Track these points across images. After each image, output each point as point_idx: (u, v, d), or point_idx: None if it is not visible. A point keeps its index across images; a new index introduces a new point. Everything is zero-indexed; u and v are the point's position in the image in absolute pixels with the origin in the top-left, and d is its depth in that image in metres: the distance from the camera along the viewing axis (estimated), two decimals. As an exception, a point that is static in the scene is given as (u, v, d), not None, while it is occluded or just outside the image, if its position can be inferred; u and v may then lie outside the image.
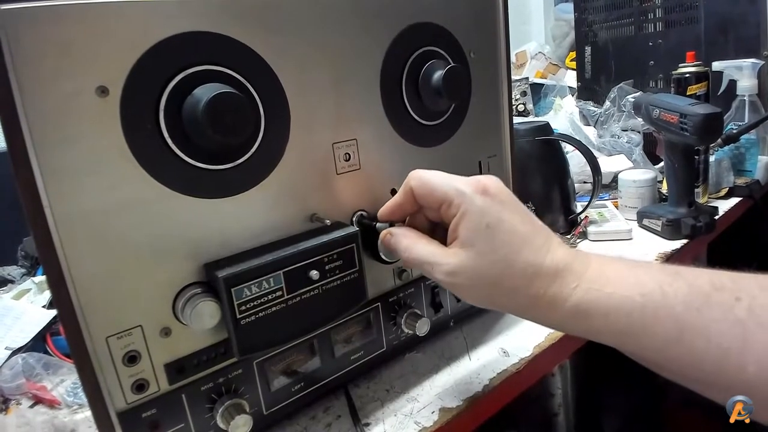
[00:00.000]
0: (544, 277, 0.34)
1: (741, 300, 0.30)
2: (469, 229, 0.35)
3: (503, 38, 0.54)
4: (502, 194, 0.37)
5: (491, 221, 0.35)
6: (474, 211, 0.35)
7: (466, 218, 0.35)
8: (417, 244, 0.38)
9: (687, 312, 0.31)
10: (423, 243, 0.38)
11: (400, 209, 0.40)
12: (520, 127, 0.81)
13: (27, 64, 0.30)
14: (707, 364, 0.30)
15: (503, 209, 0.36)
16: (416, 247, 0.38)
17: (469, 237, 0.35)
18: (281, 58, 0.39)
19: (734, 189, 0.96)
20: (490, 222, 0.35)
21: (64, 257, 0.32)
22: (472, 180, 0.37)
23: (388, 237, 0.40)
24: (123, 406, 0.36)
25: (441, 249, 0.37)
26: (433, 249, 0.37)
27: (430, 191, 0.37)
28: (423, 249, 0.38)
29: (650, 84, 1.27)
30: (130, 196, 0.34)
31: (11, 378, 0.56)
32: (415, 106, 0.48)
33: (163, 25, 0.34)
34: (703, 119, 0.70)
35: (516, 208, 0.36)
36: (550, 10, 2.13)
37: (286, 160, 0.41)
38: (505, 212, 0.36)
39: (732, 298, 0.30)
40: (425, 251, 0.38)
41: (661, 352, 0.32)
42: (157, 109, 0.34)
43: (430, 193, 0.37)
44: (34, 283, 0.78)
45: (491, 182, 0.37)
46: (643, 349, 0.33)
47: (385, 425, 0.44)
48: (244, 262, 0.37)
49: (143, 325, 0.36)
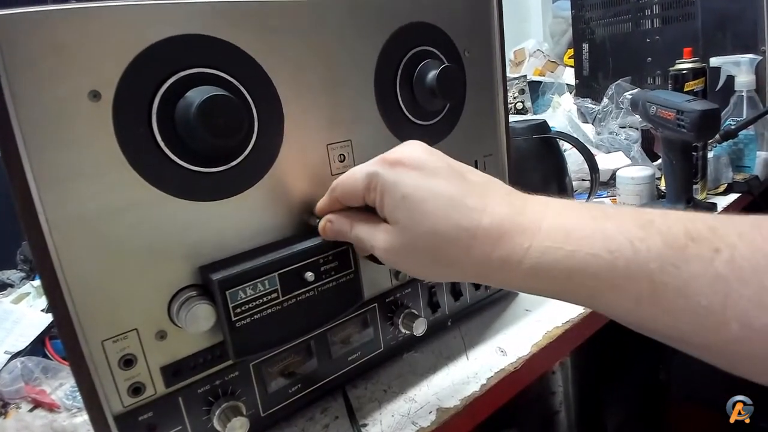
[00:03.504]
0: (483, 240, 0.31)
1: (720, 251, 0.27)
2: (389, 207, 0.34)
3: (498, 37, 0.54)
4: (419, 159, 0.34)
5: (406, 191, 0.33)
6: (388, 187, 0.34)
7: (384, 197, 0.34)
8: (358, 224, 0.37)
9: (662, 269, 0.27)
10: (362, 221, 0.37)
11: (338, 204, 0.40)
12: (518, 125, 0.81)
13: (19, 69, 0.30)
14: (685, 323, 0.27)
15: (420, 176, 0.34)
16: (357, 226, 0.37)
17: (392, 213, 0.34)
18: (274, 59, 0.39)
19: (733, 185, 0.96)
20: (405, 193, 0.33)
21: (58, 262, 0.32)
22: (383, 156, 0.36)
23: (329, 225, 0.39)
24: (120, 410, 0.36)
25: (376, 226, 0.36)
26: (369, 228, 0.36)
27: (351, 189, 0.37)
28: (362, 228, 0.37)
29: (648, 80, 1.27)
30: (123, 200, 0.34)
31: (10, 382, 0.56)
32: (410, 106, 0.48)
33: (154, 29, 0.34)
34: (700, 115, 0.70)
35: (439, 171, 0.34)
36: (548, 7, 2.12)
37: (280, 161, 0.41)
38: (422, 179, 0.33)
39: (711, 250, 0.27)
40: (364, 230, 0.37)
41: (633, 313, 0.29)
42: (150, 113, 0.34)
43: (352, 192, 0.37)
44: (33, 287, 0.78)
45: (406, 151, 0.35)
46: (612, 308, 0.30)
47: (382, 426, 0.44)
48: (238, 265, 0.37)
49: (139, 329, 0.36)
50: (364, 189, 0.36)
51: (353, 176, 0.37)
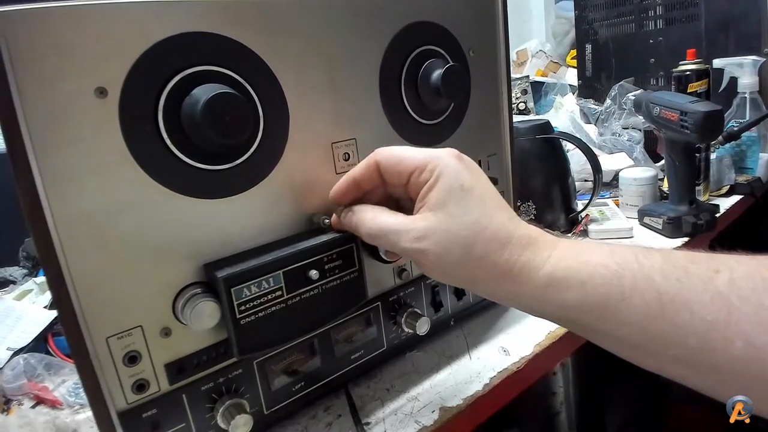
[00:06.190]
0: (516, 243, 0.33)
1: (720, 272, 0.28)
2: (443, 190, 0.35)
3: (502, 36, 0.54)
4: (476, 167, 0.37)
5: (466, 183, 0.35)
6: (449, 174, 0.35)
7: (441, 180, 0.35)
8: (381, 214, 0.37)
9: (666, 282, 0.29)
10: (387, 213, 0.37)
11: (355, 187, 0.39)
12: (521, 125, 0.81)
13: (26, 66, 0.30)
14: (692, 339, 0.28)
15: (478, 176, 0.36)
16: (380, 217, 0.37)
17: (442, 198, 0.35)
18: (280, 58, 0.39)
19: (735, 186, 0.96)
20: (464, 184, 0.35)
21: (63, 258, 0.32)
22: (447, 149, 0.37)
23: (350, 215, 0.39)
24: (124, 406, 0.36)
25: (407, 217, 0.36)
26: (398, 218, 0.36)
27: (400, 160, 0.37)
28: (388, 218, 0.37)
29: (651, 81, 1.27)
30: (129, 197, 0.34)
31: (13, 378, 0.56)
32: (414, 106, 0.48)
33: (161, 26, 0.34)
34: (703, 117, 0.70)
35: (488, 181, 0.37)
36: (551, 7, 2.12)
37: (285, 159, 0.41)
38: (479, 179, 0.36)
39: (710, 270, 0.29)
40: (390, 220, 0.36)
41: (642, 328, 0.30)
42: (156, 110, 0.34)
43: (400, 162, 0.37)
44: (36, 283, 0.78)
45: (466, 156, 0.37)
46: (621, 324, 0.30)
47: (385, 424, 0.44)
48: (243, 262, 0.37)
49: (143, 326, 0.36)
50: (419, 167, 0.36)
51: (411, 150, 0.37)
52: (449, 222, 0.34)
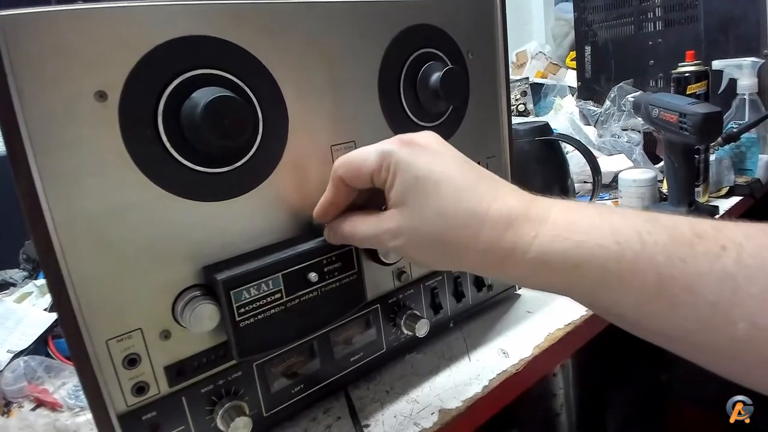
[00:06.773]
0: (492, 226, 0.31)
1: (727, 249, 0.27)
2: (399, 187, 0.33)
3: (501, 39, 0.55)
4: (434, 145, 0.34)
5: (420, 173, 0.33)
6: (402, 168, 0.33)
7: (397, 177, 0.33)
8: (357, 223, 0.36)
9: (669, 261, 0.27)
10: (362, 219, 0.36)
11: (334, 207, 0.38)
12: (520, 127, 0.81)
13: (26, 69, 0.30)
14: (691, 321, 0.27)
15: (434, 159, 0.33)
16: (358, 227, 0.36)
17: (400, 197, 0.33)
18: (279, 61, 0.39)
19: (735, 188, 0.96)
20: (418, 174, 0.33)
21: (63, 261, 0.33)
22: (398, 136, 0.35)
23: (331, 234, 0.39)
24: (123, 409, 0.36)
25: (378, 218, 0.35)
26: (372, 221, 0.35)
27: (358, 167, 0.35)
28: (364, 226, 0.36)
29: (650, 83, 1.27)
30: (129, 200, 0.34)
31: (13, 381, 0.56)
32: (413, 108, 0.48)
33: (160, 29, 0.34)
34: (702, 118, 0.70)
35: (453, 159, 0.34)
36: (550, 9, 2.13)
37: (284, 162, 0.41)
38: (436, 162, 0.33)
39: (718, 247, 0.27)
40: (366, 227, 0.36)
41: (638, 308, 0.28)
42: (156, 113, 0.34)
43: (359, 171, 0.35)
44: (36, 286, 0.78)
45: (421, 135, 0.35)
46: (617, 305, 0.29)
47: (384, 426, 0.44)
48: (243, 265, 0.37)
49: (143, 328, 0.36)
50: (375, 167, 0.34)
51: (364, 154, 0.35)
52: (413, 218, 0.33)
